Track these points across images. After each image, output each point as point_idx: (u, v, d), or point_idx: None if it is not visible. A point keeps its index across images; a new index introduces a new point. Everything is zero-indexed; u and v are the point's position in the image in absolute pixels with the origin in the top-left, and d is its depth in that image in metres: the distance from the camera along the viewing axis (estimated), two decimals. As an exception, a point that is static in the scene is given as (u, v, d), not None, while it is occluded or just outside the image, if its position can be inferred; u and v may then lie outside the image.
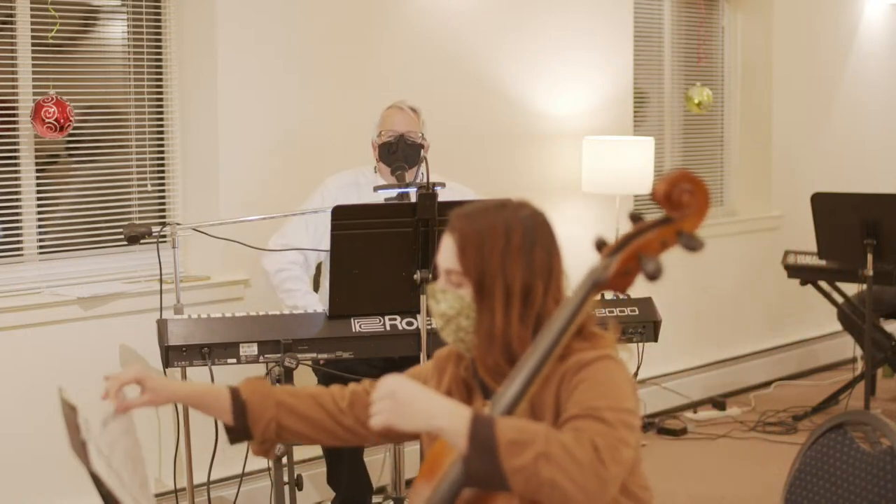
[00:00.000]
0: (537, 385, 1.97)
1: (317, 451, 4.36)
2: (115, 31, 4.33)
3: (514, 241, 2.05)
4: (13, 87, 4.02)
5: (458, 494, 1.90)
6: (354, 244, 3.56)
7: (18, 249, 4.06)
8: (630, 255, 1.95)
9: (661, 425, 5.59)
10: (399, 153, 4.05)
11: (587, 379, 1.98)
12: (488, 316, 2.05)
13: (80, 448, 1.90)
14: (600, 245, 2.02)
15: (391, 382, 1.94)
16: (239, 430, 2.25)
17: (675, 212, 1.94)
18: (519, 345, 2.03)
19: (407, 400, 1.91)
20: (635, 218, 2.00)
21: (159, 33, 4.35)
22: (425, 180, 3.57)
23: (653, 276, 1.90)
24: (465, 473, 1.86)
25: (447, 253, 2.09)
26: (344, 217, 3.55)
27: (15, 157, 4.04)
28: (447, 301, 2.09)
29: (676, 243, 1.95)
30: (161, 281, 3.83)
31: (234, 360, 3.57)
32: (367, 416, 2.15)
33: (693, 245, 1.93)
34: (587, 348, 2.02)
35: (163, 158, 4.41)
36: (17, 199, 4.05)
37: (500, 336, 2.04)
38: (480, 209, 2.10)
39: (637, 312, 3.95)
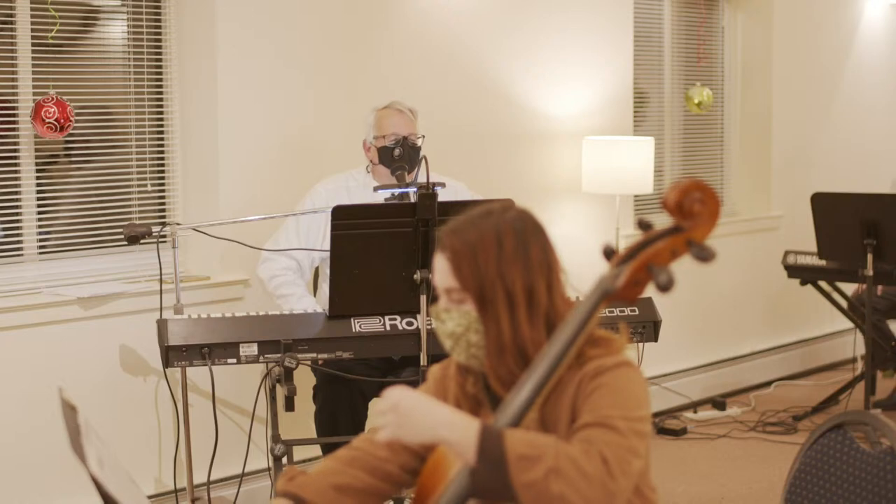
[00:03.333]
0: (545, 395, 1.95)
1: (316, 451, 4.36)
2: (115, 31, 4.33)
3: (507, 246, 2.01)
4: (13, 87, 4.03)
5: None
6: (354, 244, 3.56)
7: (18, 249, 4.06)
8: (640, 266, 1.92)
9: (661, 425, 5.59)
10: (404, 156, 4.05)
11: (604, 385, 1.96)
12: (494, 326, 2.01)
13: (80, 449, 1.90)
14: (609, 253, 1.99)
15: (394, 394, 1.90)
16: None
17: (685, 221, 1.91)
18: (533, 348, 2.00)
19: (410, 412, 1.87)
20: (644, 225, 1.96)
21: (159, 33, 4.35)
22: (425, 180, 3.57)
23: (665, 288, 1.87)
24: (473, 485, 1.84)
25: (442, 272, 2.05)
26: (344, 217, 3.55)
27: (15, 157, 4.04)
28: (453, 319, 2.04)
29: (687, 253, 1.91)
30: (161, 281, 3.83)
31: (234, 360, 3.57)
32: (407, 453, 2.14)
33: (704, 255, 1.89)
34: (603, 354, 2.00)
35: (163, 158, 4.41)
36: (17, 199, 4.05)
37: (511, 343, 2.01)
38: (466, 222, 2.05)
39: (637, 312, 3.95)
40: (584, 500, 1.82)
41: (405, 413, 1.87)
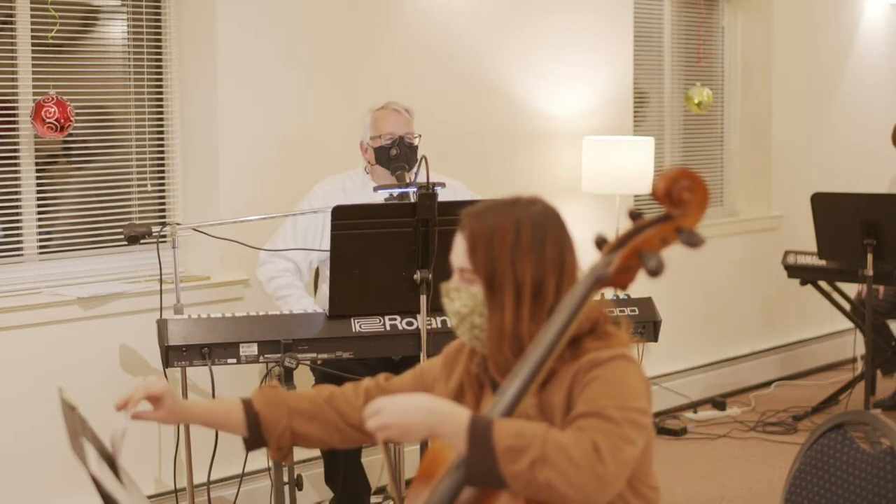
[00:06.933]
0: (542, 380, 1.97)
1: (316, 451, 4.35)
2: (115, 31, 4.33)
3: (524, 237, 2.05)
4: (13, 87, 4.03)
5: (459, 492, 1.92)
6: (354, 244, 3.56)
7: (18, 249, 4.06)
8: (631, 252, 1.96)
9: (661, 425, 5.59)
10: (401, 156, 4.05)
11: (599, 377, 1.98)
12: (498, 312, 2.05)
13: (80, 449, 1.90)
14: (600, 243, 2.03)
15: (376, 404, 1.95)
16: (254, 441, 2.27)
17: (674, 209, 1.95)
18: (529, 340, 2.03)
19: (393, 418, 1.93)
20: (634, 215, 2.00)
21: (159, 33, 4.35)
22: (425, 180, 3.56)
23: (655, 273, 1.91)
24: (466, 475, 1.88)
25: (458, 251, 2.10)
26: (344, 217, 3.55)
27: (15, 157, 4.04)
28: (460, 299, 2.09)
29: (677, 240, 1.95)
30: (161, 281, 3.83)
31: (234, 360, 3.57)
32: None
33: (693, 241, 1.93)
34: (601, 347, 2.03)
35: (163, 158, 4.41)
36: (17, 199, 4.05)
37: (510, 332, 2.04)
38: (491, 207, 2.11)
39: (637, 312, 3.95)
40: (572, 487, 1.84)
41: (393, 419, 1.92)
